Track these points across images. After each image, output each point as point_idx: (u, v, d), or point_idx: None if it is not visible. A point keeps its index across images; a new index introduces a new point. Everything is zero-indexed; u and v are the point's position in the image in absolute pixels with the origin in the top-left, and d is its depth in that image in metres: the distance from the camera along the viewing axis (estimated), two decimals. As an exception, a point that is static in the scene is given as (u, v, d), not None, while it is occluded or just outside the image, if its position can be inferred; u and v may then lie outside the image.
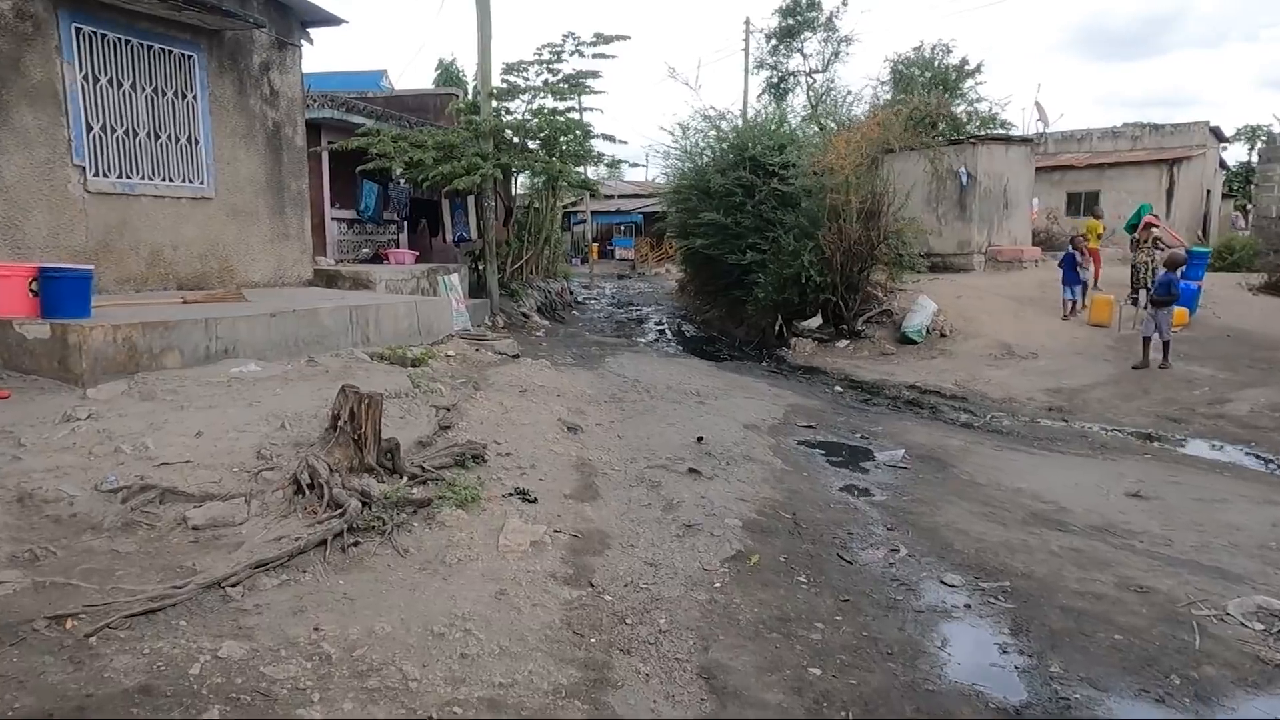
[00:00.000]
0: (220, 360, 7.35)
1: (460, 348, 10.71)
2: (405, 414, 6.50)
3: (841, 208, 12.91)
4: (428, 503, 4.69)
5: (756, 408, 8.88)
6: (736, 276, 15.71)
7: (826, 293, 13.43)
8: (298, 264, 11.32)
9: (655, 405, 8.59)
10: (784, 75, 22.09)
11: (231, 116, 10.07)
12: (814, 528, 5.13)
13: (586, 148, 16.84)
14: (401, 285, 13.10)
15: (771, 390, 10.19)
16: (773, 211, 14.83)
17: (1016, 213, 18.96)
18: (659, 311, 22.49)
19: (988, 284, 16.01)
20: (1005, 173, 18.39)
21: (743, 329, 16.55)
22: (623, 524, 4.97)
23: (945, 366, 11.70)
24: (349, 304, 9.11)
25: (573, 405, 8.27)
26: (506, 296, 17.17)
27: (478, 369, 9.74)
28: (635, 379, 10.31)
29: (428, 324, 10.36)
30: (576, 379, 10.00)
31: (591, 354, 13.12)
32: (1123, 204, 27.97)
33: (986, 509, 5.59)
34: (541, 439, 6.65)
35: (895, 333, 13.71)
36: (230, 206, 10.10)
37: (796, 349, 13.64)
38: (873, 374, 11.59)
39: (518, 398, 8.17)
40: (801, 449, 7.33)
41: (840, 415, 8.98)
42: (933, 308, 13.63)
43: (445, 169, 14.49)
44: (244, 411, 5.65)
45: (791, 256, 13.40)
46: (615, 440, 6.97)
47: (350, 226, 16.78)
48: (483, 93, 15.59)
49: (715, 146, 18.25)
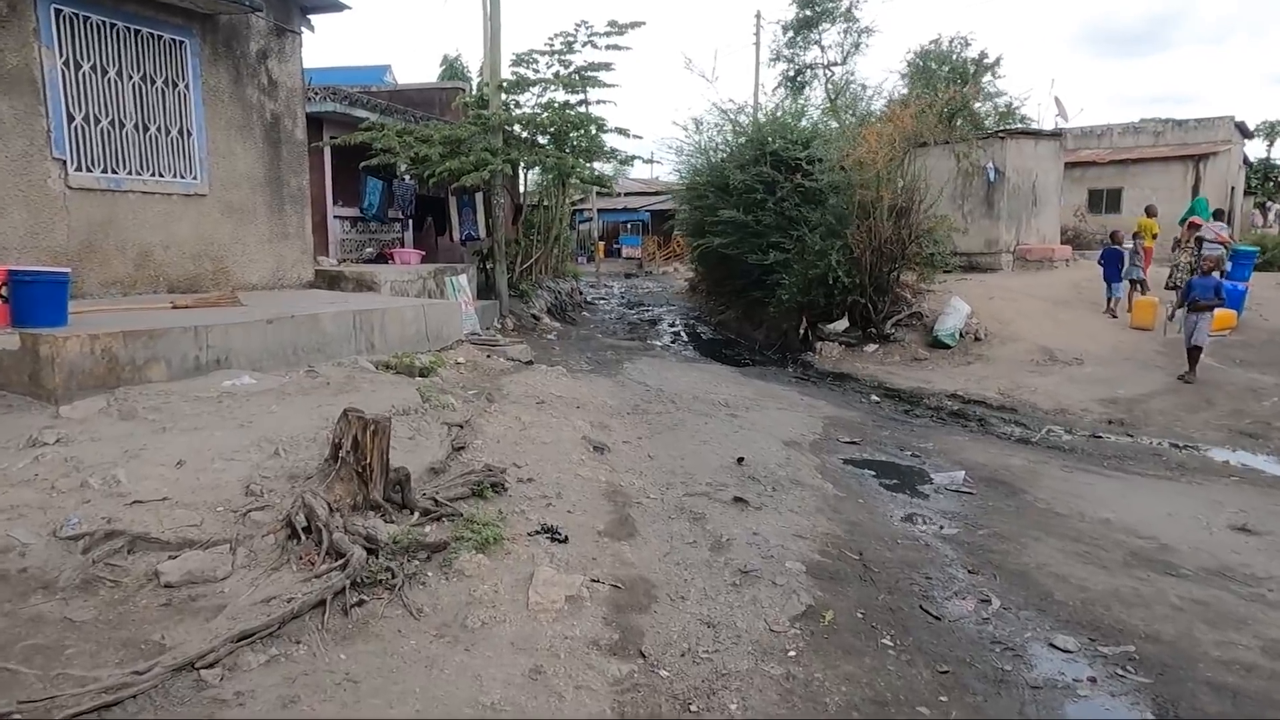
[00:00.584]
0: (211, 372, 6.69)
1: (470, 354, 10.05)
2: (415, 434, 5.84)
3: (871, 204, 12.22)
4: (443, 546, 4.03)
5: (793, 421, 8.21)
6: (756, 277, 15.04)
7: (854, 294, 12.74)
8: (298, 265, 10.67)
9: (683, 418, 7.92)
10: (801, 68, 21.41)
11: (227, 107, 9.41)
12: (886, 571, 4.46)
13: (599, 143, 16.16)
14: (407, 287, 12.44)
15: (804, 400, 9.51)
16: (796, 209, 14.15)
17: (1045, 210, 18.25)
18: (671, 312, 21.82)
19: (1019, 285, 15.31)
20: (1034, 169, 17.68)
21: (762, 331, 15.87)
22: (668, 568, 4.30)
23: (985, 373, 11.02)
24: (352, 309, 8.45)
25: (595, 419, 7.61)
26: (516, 297, 16.52)
27: (490, 378, 9.09)
28: (658, 387, 9.65)
29: (436, 329, 9.70)
30: (595, 388, 9.34)
31: (607, 359, 12.46)
32: (1146, 201, 27.27)
33: (1078, 547, 4.91)
34: (565, 460, 5.99)
35: (926, 336, 13.02)
36: (225, 203, 9.45)
37: (822, 353, 12.96)
38: (908, 381, 10.90)
39: (536, 411, 7.51)
40: (850, 470, 6.65)
41: (883, 429, 8.30)
42: (966, 310, 12.94)
43: (452, 164, 13.82)
44: (234, 434, 4.99)
45: (818, 256, 12.72)
46: (646, 461, 6.30)
47: (354, 225, 16.14)
48: (491, 85, 14.91)
49: (733, 141, 17.59)
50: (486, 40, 14.98)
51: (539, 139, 16.27)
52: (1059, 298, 14.56)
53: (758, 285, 15.18)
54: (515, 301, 16.35)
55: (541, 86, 15.59)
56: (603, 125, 15.46)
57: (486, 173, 13.66)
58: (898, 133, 11.98)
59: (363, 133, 14.42)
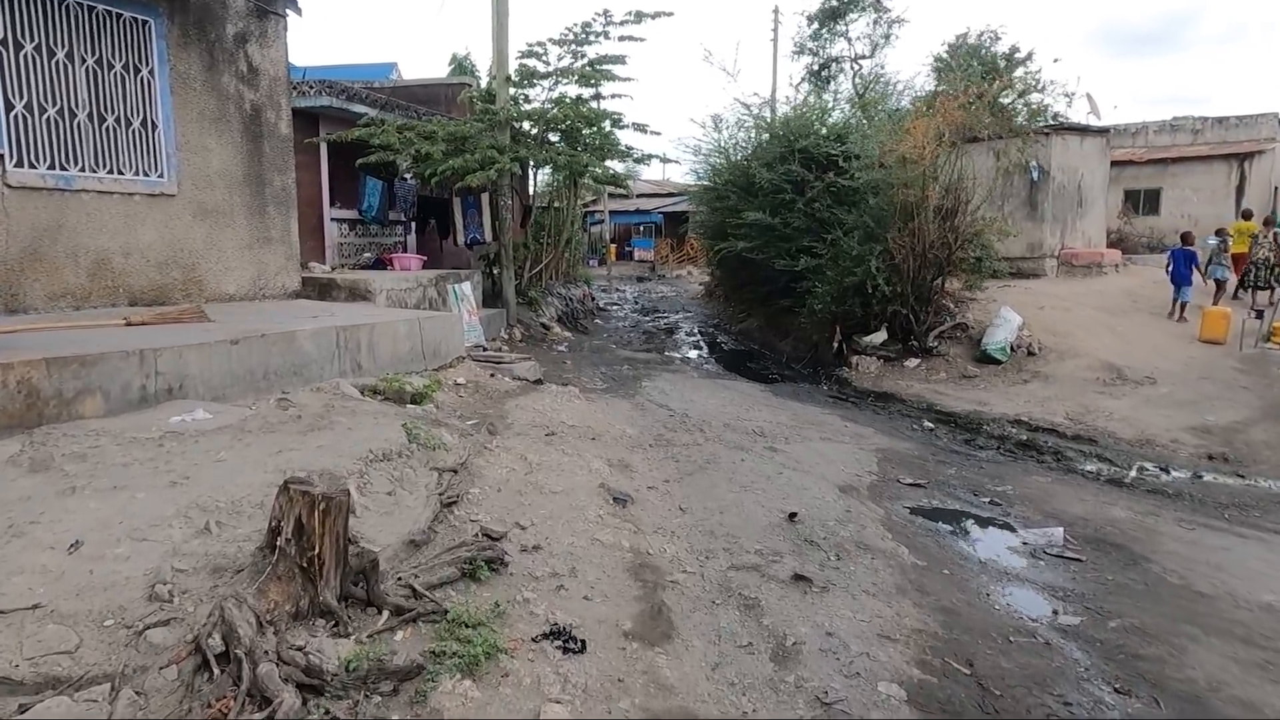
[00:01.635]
0: (161, 404, 5.65)
1: (472, 373, 8.99)
2: (395, 486, 4.76)
3: (916, 205, 11.08)
4: (416, 671, 2.95)
5: (841, 456, 7.09)
6: (784, 283, 13.91)
7: (895, 304, 11.60)
8: (282, 272, 9.63)
9: (716, 453, 6.82)
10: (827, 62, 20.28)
11: (199, 97, 8.38)
12: (1009, 693, 3.34)
13: (613, 140, 15.09)
14: (406, 296, 11.40)
15: (849, 428, 8.39)
16: (827, 210, 13.02)
17: (1091, 211, 17.04)
18: (688, 319, 20.73)
19: (1067, 292, 14.13)
20: (1079, 167, 16.49)
21: (789, 342, 14.75)
22: (719, 692, 3.20)
23: (1046, 394, 9.85)
24: (335, 324, 7.39)
25: (614, 455, 6.51)
26: (524, 305, 15.46)
27: (494, 402, 8.01)
28: (683, 412, 8.55)
29: (434, 345, 8.64)
30: (612, 413, 8.26)
31: (624, 374, 11.37)
32: (1187, 202, 25.94)
33: (1254, 652, 3.78)
34: (580, 518, 4.90)
35: (973, 350, 11.87)
36: (197, 205, 8.41)
37: (859, 369, 11.82)
38: (961, 403, 9.75)
39: (545, 447, 6.42)
40: (921, 524, 5.53)
41: (946, 465, 7.17)
42: (1017, 321, 11.78)
43: (457, 163, 12.78)
44: (161, 497, 3.91)
45: (854, 262, 11.59)
46: (677, 516, 5.20)
47: (352, 228, 15.12)
48: (498, 78, 13.86)
49: (756, 138, 16.49)
50: (493, 29, 13.93)
51: (549, 136, 15.22)
52: (1114, 307, 13.38)
53: (785, 292, 14.06)
54: (524, 309, 15.30)
55: (552, 80, 14.53)
56: (619, 121, 14.39)
57: (493, 172, 12.62)
58: (946, 125, 10.84)
59: (361, 129, 13.42)
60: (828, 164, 13.37)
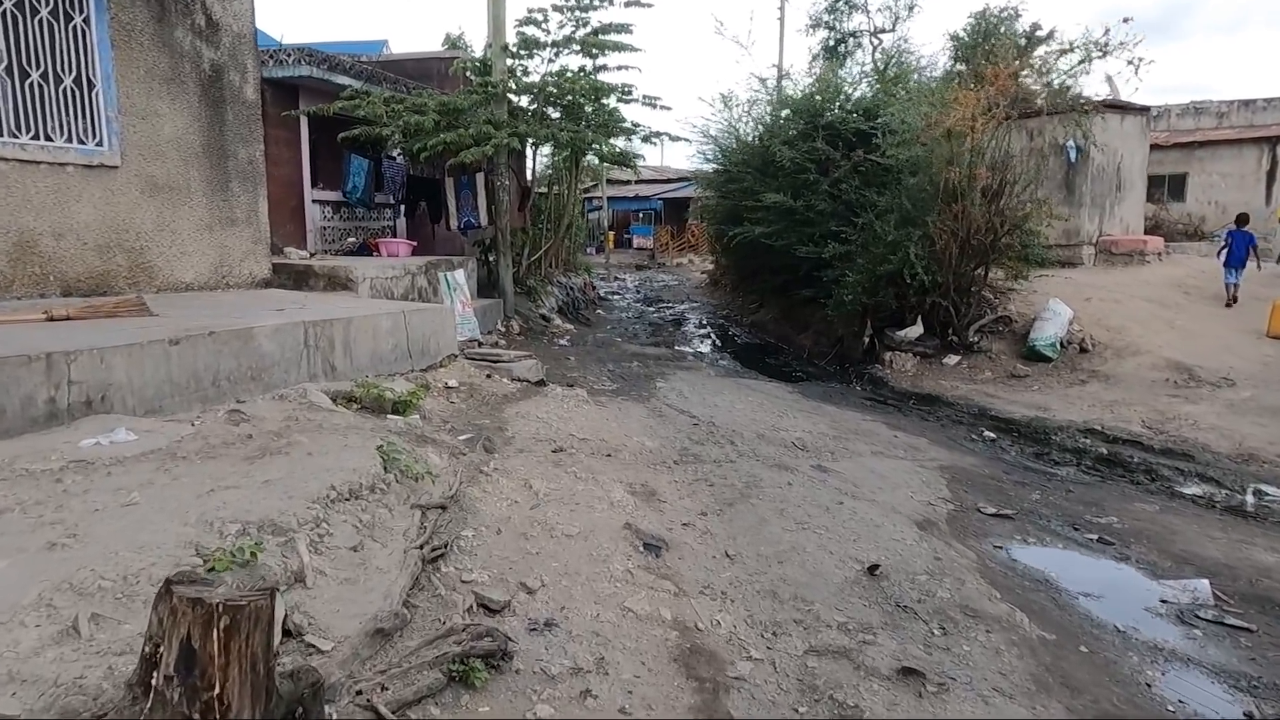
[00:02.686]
0: (76, 420, 4.52)
1: (465, 373, 7.86)
2: (364, 536, 3.64)
3: (961, 186, 9.96)
4: None
5: (903, 476, 5.99)
6: (805, 272, 12.80)
7: (934, 295, 10.49)
8: (249, 258, 8.48)
9: (756, 474, 5.71)
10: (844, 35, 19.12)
11: (147, 53, 7.19)
12: None
13: (618, 117, 13.91)
14: (392, 285, 10.25)
15: (900, 438, 7.29)
16: (856, 192, 11.89)
17: (1130, 196, 15.93)
18: (695, 310, 19.60)
19: (1111, 282, 13.03)
20: (1119, 148, 15.36)
21: (809, 336, 13.64)
22: None
23: (1112, 397, 8.77)
24: (305, 319, 6.26)
25: (635, 478, 5.41)
26: (523, 295, 14.31)
27: (490, 408, 6.89)
28: (708, 419, 7.44)
29: (421, 342, 7.52)
30: (627, 421, 7.15)
31: (634, 372, 10.26)
32: (1214, 188, 24.81)
33: None
34: (604, 574, 3.79)
35: (1017, 346, 10.77)
36: (146, 179, 7.25)
37: (894, 366, 10.72)
38: (1017, 407, 8.65)
39: (552, 469, 5.31)
40: (1027, 573, 4.43)
41: (1028, 488, 6.07)
42: (1067, 314, 10.69)
43: (449, 137, 11.60)
44: (24, 571, 2.79)
45: (889, 249, 10.47)
46: (725, 567, 4.10)
47: (336, 211, 13.96)
48: (494, 47, 12.64)
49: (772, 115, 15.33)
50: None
51: (549, 111, 14.02)
52: (1165, 299, 12.29)
53: (806, 282, 12.94)
54: (522, 300, 14.15)
55: (553, 50, 13.31)
56: (627, 93, 13.19)
57: (489, 148, 11.43)
58: (1001, 95, 9.71)
59: (344, 101, 12.23)
60: (856, 140, 12.23)
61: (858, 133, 12.27)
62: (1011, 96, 11.01)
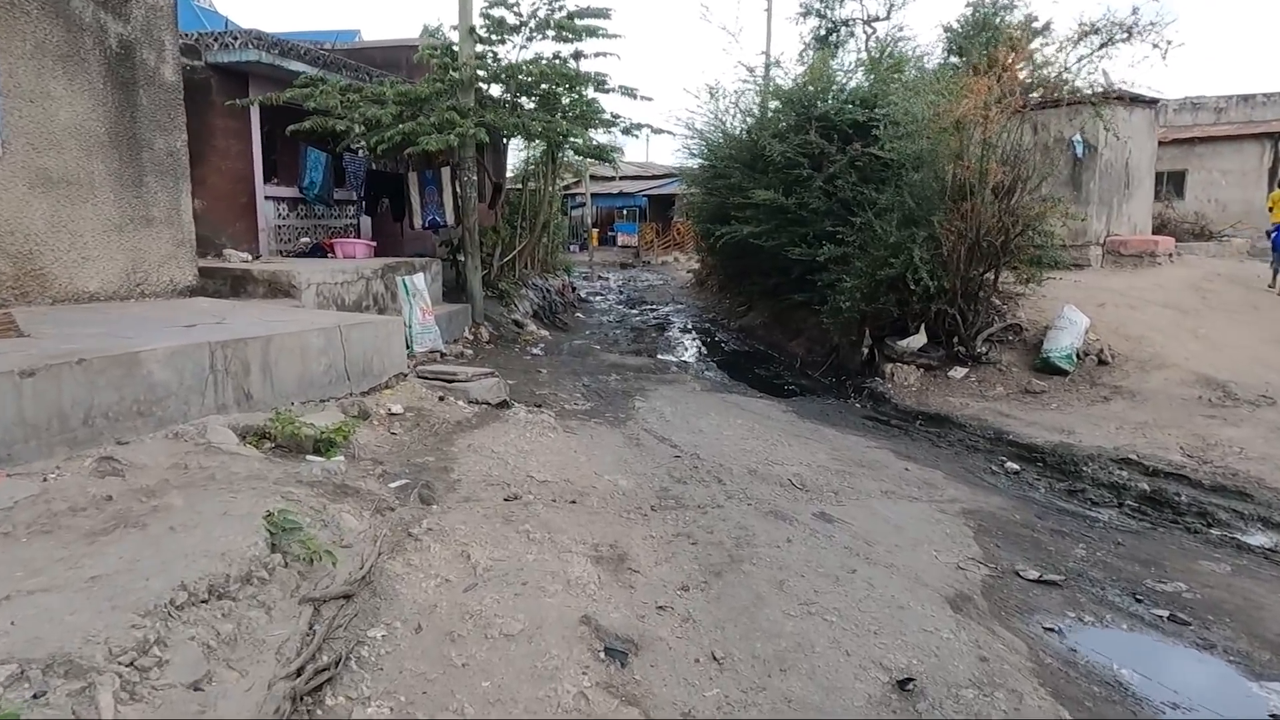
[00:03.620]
0: (-122, 481, 3.51)
1: (415, 395, 6.87)
2: (211, 671, 2.65)
3: (971, 181, 9.04)
4: None
5: (923, 526, 5.07)
6: (797, 275, 11.88)
7: (940, 301, 9.58)
8: (169, 263, 7.44)
9: (748, 525, 4.77)
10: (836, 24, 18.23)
11: (36, 25, 6.15)
12: None
13: (596, 108, 12.93)
14: (343, 291, 9.24)
15: (912, 472, 6.36)
16: (853, 189, 10.97)
17: (1138, 193, 15.08)
18: (680, 312, 18.64)
19: (1123, 286, 12.18)
20: (1127, 143, 14.50)
21: (801, 343, 12.72)
22: None
23: (1141, 417, 7.88)
24: (214, 339, 5.25)
25: (602, 536, 4.45)
26: (494, 299, 13.30)
27: (439, 440, 5.91)
28: (691, 449, 6.48)
29: (363, 360, 6.51)
30: (599, 453, 6.18)
31: (611, 388, 9.29)
32: (1214, 186, 24.07)
33: None
34: (550, 704, 2.82)
35: (1029, 357, 9.89)
36: (36, 171, 6.20)
37: (895, 380, 9.80)
38: (1036, 429, 7.75)
39: (500, 529, 4.34)
40: (1094, 673, 3.50)
41: (1066, 536, 5.15)
42: (1084, 322, 9.81)
43: (408, 127, 10.56)
44: None
45: (891, 251, 9.54)
46: (713, 681, 3.14)
47: (293, 209, 12.89)
48: (460, 29, 11.62)
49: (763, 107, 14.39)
50: (455, -29, 11.66)
51: (524, 102, 13.01)
52: (1183, 304, 11.45)
53: (798, 285, 12.02)
54: (493, 304, 13.15)
55: (525, 35, 12.29)
56: (603, 83, 12.20)
57: (452, 137, 10.39)
58: (1013, 82, 8.80)
59: (296, 90, 11.18)
60: (853, 133, 11.30)
61: (854, 125, 11.35)
62: (1017, 87, 10.11)
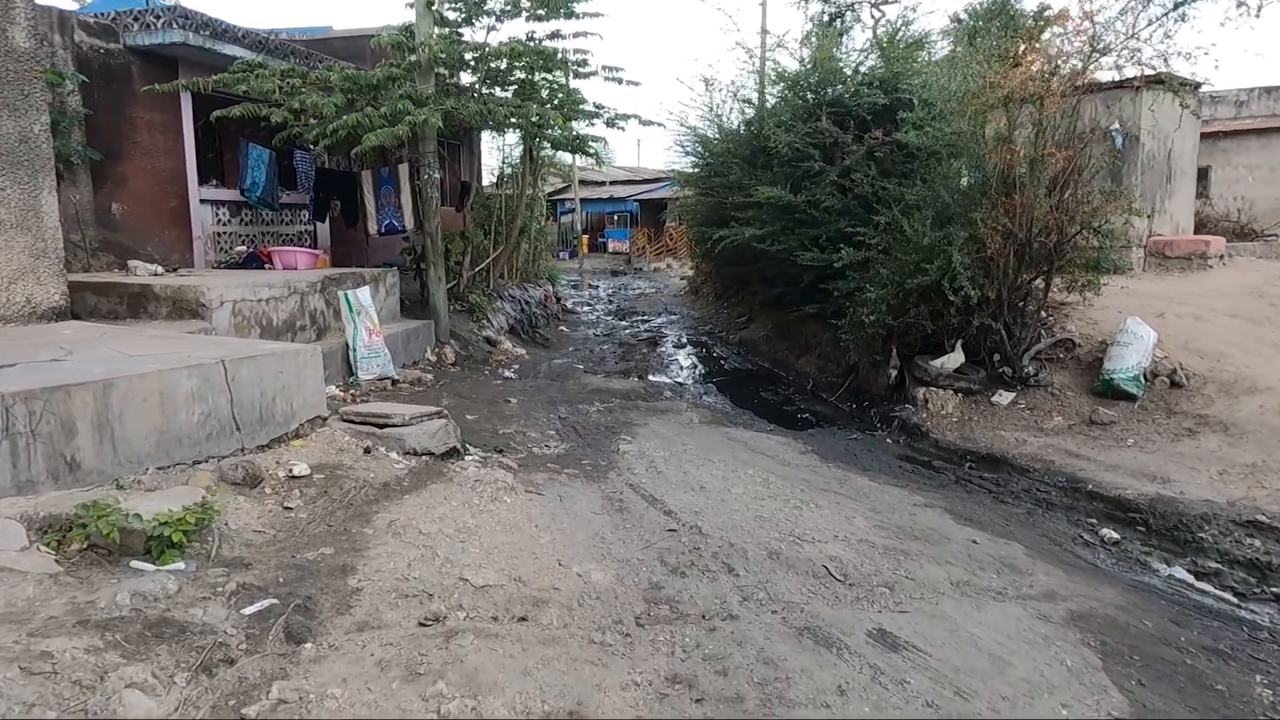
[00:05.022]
0: None
1: (332, 447, 5.30)
2: None
3: (1019, 172, 7.53)
4: None
5: (1026, 654, 3.53)
6: (808, 283, 10.35)
7: (983, 314, 8.05)
8: (25, 279, 5.87)
9: (779, 660, 3.22)
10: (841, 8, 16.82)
11: None
12: None
13: (577, 98, 11.41)
14: (271, 311, 7.69)
15: (982, 546, 4.81)
16: (873, 183, 9.46)
17: (1180, 189, 13.63)
18: (674, 324, 17.10)
19: (1177, 292, 10.69)
20: (1169, 132, 13.04)
21: (812, 360, 11.19)
22: None
23: (1246, 458, 6.36)
24: (9, 390, 3.69)
25: (556, 689, 2.89)
26: (463, 313, 11.76)
27: (346, 520, 4.33)
28: (691, 516, 4.93)
29: (260, 405, 4.96)
30: (568, 526, 4.62)
31: (591, 422, 7.73)
32: (1240, 183, 22.65)
33: None
34: None
35: (1084, 378, 8.38)
36: None
37: (930, 407, 8.27)
38: (1122, 477, 6.20)
39: (399, 691, 2.77)
40: None
41: (1234, 663, 3.62)
42: (1150, 337, 8.29)
43: (352, 119, 9.00)
44: None
45: (924, 255, 8.03)
46: None
47: (236, 213, 11.35)
48: (418, 3, 10.07)
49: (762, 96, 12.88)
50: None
51: (497, 92, 11.48)
52: (1251, 313, 9.95)
53: (808, 294, 10.50)
54: (462, 319, 11.60)
55: (495, 15, 10.74)
56: (583, 64, 10.67)
57: (402, 128, 8.83)
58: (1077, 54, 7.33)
59: (226, 75, 9.64)
60: (871, 119, 9.79)
61: (873, 110, 9.84)
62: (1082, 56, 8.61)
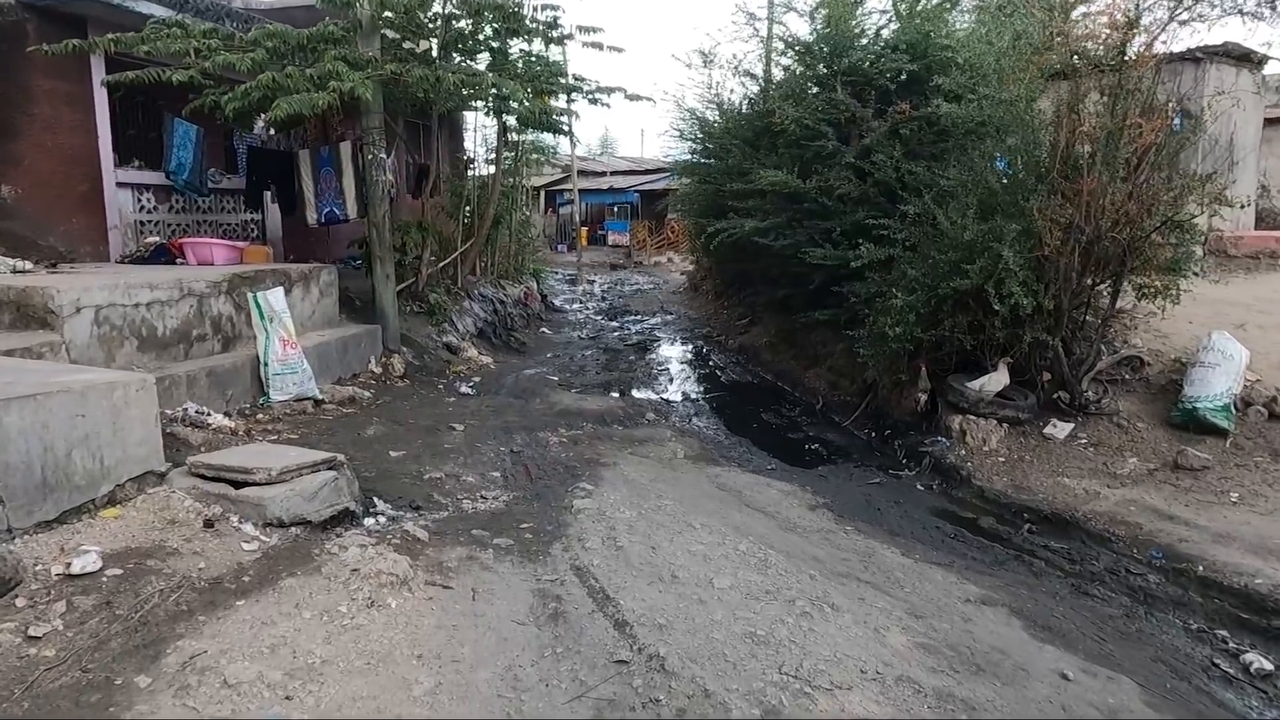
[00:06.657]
0: None
1: (159, 518, 3.77)
2: None
3: (1089, 152, 5.97)
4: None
5: None
6: (819, 284, 8.79)
7: (1037, 327, 6.48)
8: None
9: None
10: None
11: None
12: None
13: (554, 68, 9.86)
14: (152, 318, 6.17)
15: (1079, 687, 3.26)
16: (897, 167, 7.89)
17: (1243, 178, 12.02)
18: (669, 325, 15.53)
19: (1251, 297, 9.11)
20: (1232, 113, 11.42)
21: (821, 374, 9.62)
22: None
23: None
24: None
25: None
26: (422, 315, 10.22)
27: (120, 657, 2.76)
28: (653, 638, 3.39)
29: (45, 465, 3.44)
30: (468, 654, 3.09)
31: (551, 458, 6.19)
32: (1276, 173, 21.15)
33: None
34: None
35: (1157, 405, 6.82)
36: None
37: (969, 440, 6.72)
38: (1239, 556, 4.65)
39: None
40: None
41: None
42: (1241, 356, 6.73)
43: (266, 78, 7.41)
44: None
45: (963, 254, 6.46)
46: None
47: (164, 200, 9.89)
48: (360, -51, 8.48)
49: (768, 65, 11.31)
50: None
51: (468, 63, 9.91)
52: (1345, 323, 8.34)
53: (818, 297, 8.95)
54: (420, 323, 10.06)
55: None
56: (553, 26, 9.08)
57: (328, 96, 7.24)
58: None
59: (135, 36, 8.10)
60: (895, 91, 8.21)
61: (897, 79, 8.25)
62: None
